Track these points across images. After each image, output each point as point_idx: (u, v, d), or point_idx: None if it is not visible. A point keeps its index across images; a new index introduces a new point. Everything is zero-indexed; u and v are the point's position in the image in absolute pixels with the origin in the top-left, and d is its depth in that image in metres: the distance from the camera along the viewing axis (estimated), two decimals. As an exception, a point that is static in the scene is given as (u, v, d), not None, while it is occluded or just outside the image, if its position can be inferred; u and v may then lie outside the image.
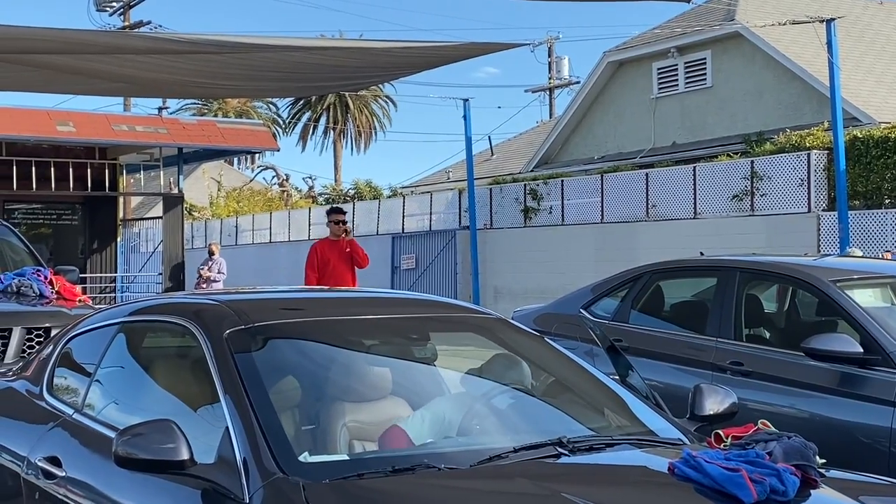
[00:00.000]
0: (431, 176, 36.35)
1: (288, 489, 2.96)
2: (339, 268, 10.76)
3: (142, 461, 3.11)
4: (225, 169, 46.20)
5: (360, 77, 7.30)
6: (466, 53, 7.17)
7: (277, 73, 7.53)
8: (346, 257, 10.92)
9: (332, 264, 10.76)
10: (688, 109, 25.29)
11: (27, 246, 9.06)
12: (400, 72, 7.35)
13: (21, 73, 7.19)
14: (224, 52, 6.54)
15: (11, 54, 6.34)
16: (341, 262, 10.84)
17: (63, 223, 19.92)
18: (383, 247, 26.63)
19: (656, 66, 25.97)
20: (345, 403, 3.68)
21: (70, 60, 6.58)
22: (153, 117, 18.86)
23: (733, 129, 23.75)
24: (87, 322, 4.53)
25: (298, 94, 16.47)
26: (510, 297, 22.11)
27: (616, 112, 27.27)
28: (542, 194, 23.42)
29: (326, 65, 6.99)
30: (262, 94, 10.17)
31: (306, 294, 5.03)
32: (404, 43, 6.83)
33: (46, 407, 4.22)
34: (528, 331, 4.48)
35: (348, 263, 10.93)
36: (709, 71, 24.74)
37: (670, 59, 25.50)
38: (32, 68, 6.91)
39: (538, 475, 3.14)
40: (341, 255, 10.89)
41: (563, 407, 3.98)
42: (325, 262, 10.78)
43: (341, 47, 6.48)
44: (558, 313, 7.52)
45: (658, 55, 25.82)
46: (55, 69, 6.88)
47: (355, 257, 10.97)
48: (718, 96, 24.54)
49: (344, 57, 6.75)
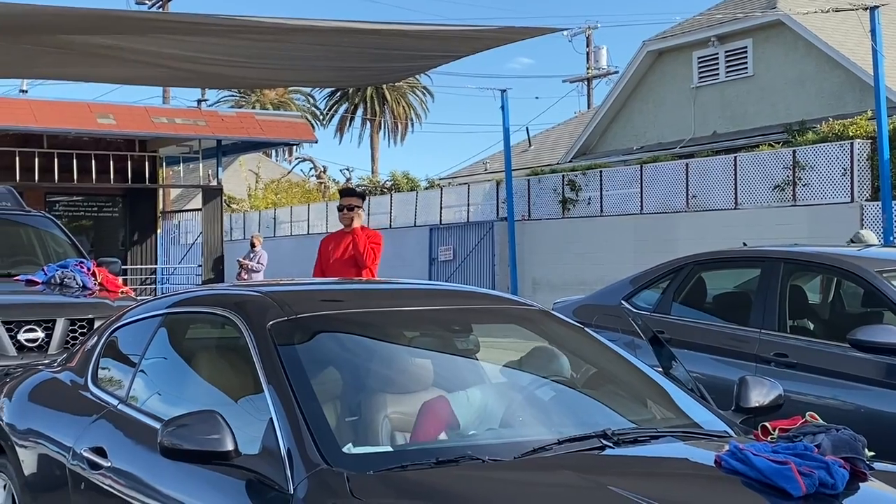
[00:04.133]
0: (469, 167, 36.31)
1: (332, 480, 2.96)
2: (338, 268, 8.37)
3: (187, 452, 3.12)
4: (263, 161, 46.38)
5: (399, 62, 7.26)
6: (504, 38, 7.11)
7: (316, 60, 7.52)
8: (349, 255, 8.43)
9: (332, 262, 8.45)
10: (728, 99, 25.07)
11: (70, 238, 9.14)
12: (437, 59, 7.30)
13: (62, 58, 7.24)
14: (262, 35, 6.53)
15: (49, 35, 6.38)
16: (342, 260, 8.40)
17: (104, 215, 20.12)
18: (421, 238, 26.64)
19: (696, 54, 25.75)
20: (386, 395, 3.68)
21: (110, 41, 6.61)
22: (192, 110, 18.99)
23: (774, 119, 23.51)
24: (131, 313, 4.56)
25: (336, 83, 16.45)
26: (548, 288, 22.04)
27: (655, 102, 27.09)
28: (580, 185, 23.32)
29: (364, 51, 6.97)
30: (303, 82, 10.10)
31: (347, 286, 5.03)
32: (442, 27, 6.80)
33: (91, 398, 4.25)
34: (570, 322, 4.46)
35: (351, 263, 8.39)
36: (750, 60, 24.50)
37: (711, 47, 25.27)
38: (74, 53, 6.96)
39: (583, 467, 3.12)
40: (345, 251, 8.43)
41: (606, 399, 3.95)
42: (326, 259, 8.52)
43: (379, 30, 6.44)
44: (599, 305, 7.48)
45: (698, 44, 25.60)
46: (96, 54, 6.92)
47: (357, 257, 8.36)
48: (759, 85, 24.30)
49: (381, 41, 6.71)
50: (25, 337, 6.95)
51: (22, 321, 7.00)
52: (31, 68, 8.45)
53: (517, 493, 2.99)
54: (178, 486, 3.36)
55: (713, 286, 7.23)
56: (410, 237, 27.24)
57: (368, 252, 8.32)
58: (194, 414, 3.20)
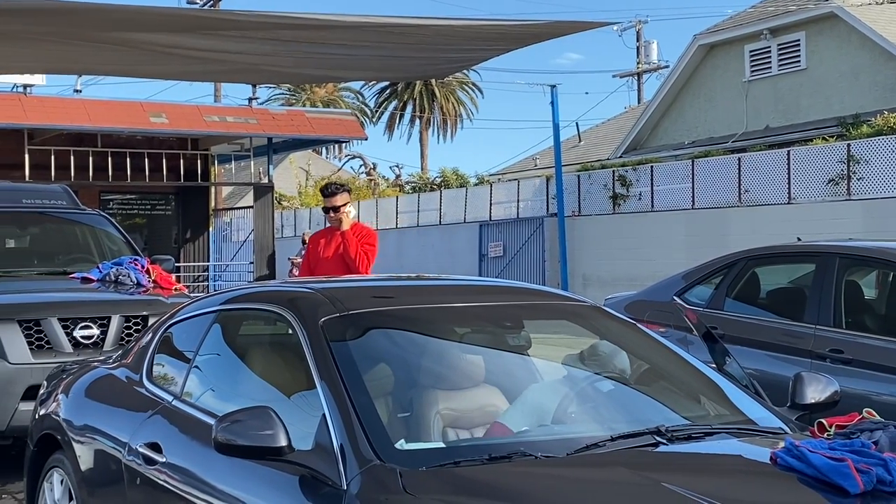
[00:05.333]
0: (518, 163, 36.24)
1: (385, 476, 2.97)
2: (329, 267, 7.61)
3: (241, 447, 3.14)
4: (313, 158, 46.66)
5: (449, 55, 7.24)
6: (554, 32, 7.08)
7: (365, 56, 7.54)
8: (338, 257, 7.65)
9: (321, 261, 7.72)
10: (781, 92, 24.79)
11: (124, 236, 9.24)
12: (487, 52, 7.27)
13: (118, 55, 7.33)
14: (312, 31, 6.55)
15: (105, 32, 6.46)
16: (333, 260, 7.65)
17: (157, 213, 20.32)
18: (471, 235, 26.64)
19: (748, 48, 25.49)
20: (438, 391, 3.68)
21: (164, 38, 6.68)
22: (243, 108, 19.11)
23: (828, 112, 23.21)
24: (185, 310, 4.60)
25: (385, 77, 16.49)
26: (599, 284, 21.95)
27: (707, 96, 26.86)
28: (631, 180, 23.18)
29: (415, 46, 6.97)
30: (352, 77, 10.10)
31: (398, 282, 5.04)
32: (491, 21, 6.79)
33: (146, 394, 4.30)
34: (622, 318, 4.43)
35: (342, 264, 7.61)
36: (803, 53, 24.20)
37: (763, 41, 25.00)
38: (129, 50, 7.04)
39: (636, 464, 3.10)
40: (336, 251, 7.68)
41: (659, 395, 3.92)
42: (315, 257, 7.77)
43: (428, 25, 6.44)
44: (651, 301, 7.44)
45: (750, 37, 25.34)
46: (150, 51, 7.00)
47: (346, 259, 7.61)
48: (813, 78, 24.00)
49: (432, 36, 6.71)
50: (81, 334, 7.04)
51: (78, 318, 7.09)
52: (87, 65, 8.57)
53: (570, 489, 2.97)
54: (233, 482, 3.38)
55: (767, 282, 7.15)
56: (460, 234, 27.24)
57: (361, 258, 7.56)
58: (248, 410, 3.22)
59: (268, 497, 3.24)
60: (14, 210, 9.04)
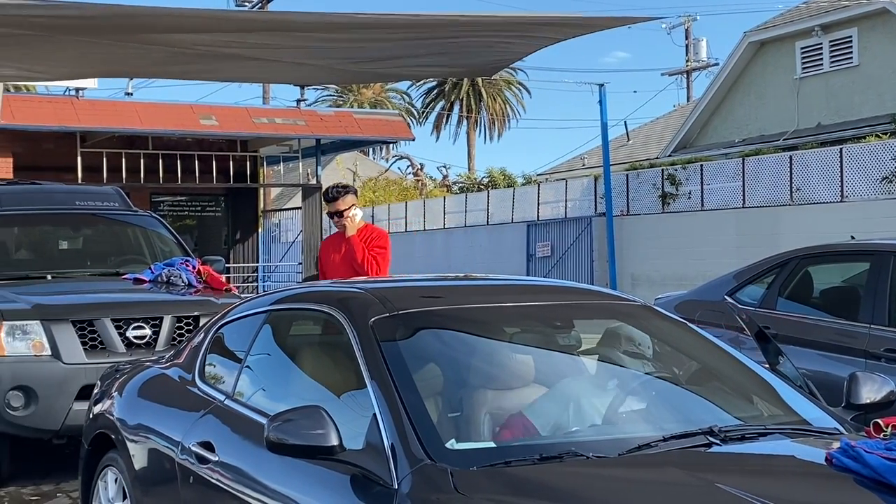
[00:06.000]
0: (566, 163, 36.13)
1: (436, 476, 2.97)
2: (338, 276, 7.15)
3: (292, 446, 3.16)
4: (360, 159, 46.84)
5: (495, 48, 7.21)
6: (602, 24, 7.03)
7: (413, 55, 7.55)
8: (348, 264, 7.25)
9: (331, 269, 7.35)
10: (833, 89, 24.48)
11: (175, 237, 9.34)
12: (533, 44, 7.23)
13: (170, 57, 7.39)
14: (355, 31, 6.57)
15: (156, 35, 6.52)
16: (342, 269, 7.23)
17: (207, 214, 20.52)
18: (518, 235, 26.59)
19: (799, 45, 25.21)
20: (488, 391, 3.67)
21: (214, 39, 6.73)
22: (292, 109, 19.23)
23: (881, 109, 22.88)
24: (236, 311, 4.63)
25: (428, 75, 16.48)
26: (648, 284, 21.81)
27: (757, 94, 26.60)
28: (680, 179, 23.01)
29: (461, 40, 6.95)
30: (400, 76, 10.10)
31: (447, 282, 5.04)
32: (537, 14, 6.76)
33: (199, 393, 4.33)
34: (673, 317, 4.39)
35: (351, 273, 7.15)
36: (855, 49, 23.89)
37: (814, 37, 24.71)
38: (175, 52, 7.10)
39: (689, 465, 3.07)
40: (343, 259, 7.28)
41: (711, 395, 3.88)
42: (326, 264, 7.44)
43: (475, 19, 6.42)
44: (702, 300, 7.38)
45: (801, 34, 25.06)
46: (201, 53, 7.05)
47: (355, 265, 7.18)
48: (865, 75, 23.67)
49: (477, 29, 6.69)
50: (134, 334, 7.12)
51: (130, 318, 7.17)
52: (138, 68, 8.65)
53: (623, 490, 2.95)
54: (284, 481, 3.40)
55: (820, 281, 7.07)
56: (507, 234, 27.21)
57: (370, 263, 7.10)
58: (299, 409, 3.24)
59: (319, 496, 3.25)
60: (68, 212, 9.16)
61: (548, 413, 3.56)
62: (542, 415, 3.54)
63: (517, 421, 3.48)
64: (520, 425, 3.46)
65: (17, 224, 8.96)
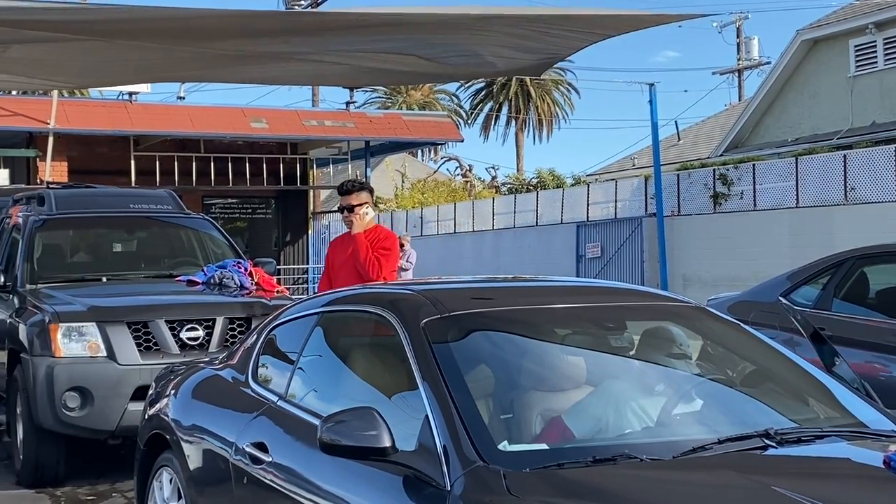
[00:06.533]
0: (616, 163, 35.96)
1: (489, 478, 2.96)
2: (344, 277, 6.80)
3: (345, 447, 3.17)
4: (409, 161, 46.95)
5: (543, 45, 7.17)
6: (653, 20, 6.98)
7: (459, 54, 7.54)
8: (351, 264, 6.89)
9: (336, 269, 7.02)
10: (888, 87, 24.12)
11: (228, 239, 9.40)
12: (583, 40, 7.18)
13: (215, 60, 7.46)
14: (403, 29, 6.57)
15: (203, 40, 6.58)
16: (345, 269, 6.88)
17: (258, 217, 20.67)
18: (567, 236, 26.50)
19: (853, 43, 24.88)
20: (539, 393, 3.66)
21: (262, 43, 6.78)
22: (341, 112, 19.33)
23: (937, 107, 22.54)
24: (288, 312, 4.66)
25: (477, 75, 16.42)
26: (699, 285, 21.64)
27: (811, 92, 26.29)
28: (732, 179, 22.80)
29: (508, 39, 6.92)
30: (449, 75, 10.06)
31: (497, 283, 5.03)
32: (585, 10, 6.72)
33: (252, 394, 4.36)
34: (727, 319, 4.35)
35: (354, 273, 6.82)
36: (910, 46, 23.55)
37: (868, 35, 24.38)
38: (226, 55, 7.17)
39: (745, 467, 3.04)
40: (347, 259, 6.92)
41: (766, 397, 3.84)
42: (331, 265, 7.11)
43: (517, 16, 6.39)
44: (755, 301, 7.30)
45: (855, 32, 24.73)
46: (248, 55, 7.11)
47: (357, 265, 6.82)
48: (920, 72, 23.33)
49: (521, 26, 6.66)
50: (187, 335, 7.18)
51: (184, 320, 7.24)
52: (190, 71, 8.73)
53: (678, 493, 2.93)
54: (337, 482, 3.41)
55: (876, 281, 6.97)
56: (557, 235, 27.13)
57: (372, 263, 6.73)
58: (352, 410, 3.25)
59: (372, 497, 3.26)
60: (122, 215, 9.28)
61: (599, 415, 3.54)
62: (593, 417, 3.52)
63: (556, 425, 3.46)
64: (558, 430, 3.44)
65: (72, 227, 9.08)
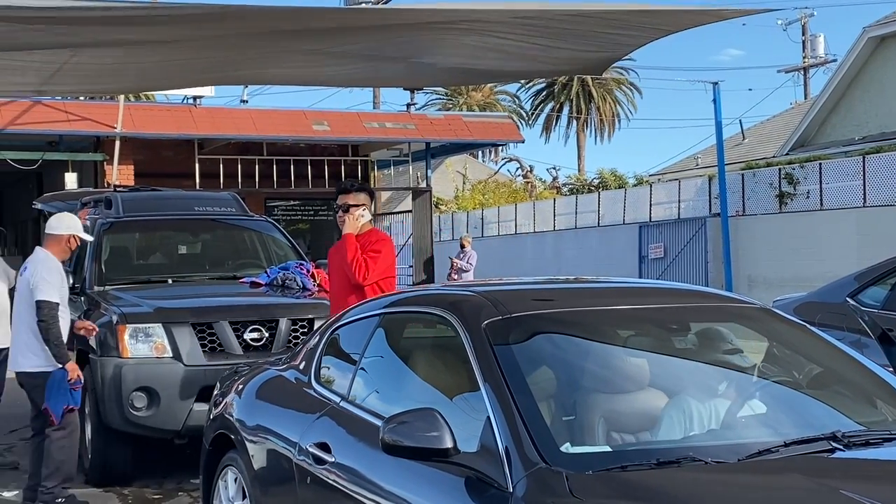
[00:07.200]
0: (679, 163, 35.64)
1: (551, 479, 2.95)
2: (334, 281, 6.64)
3: (407, 448, 3.18)
4: (469, 162, 46.93)
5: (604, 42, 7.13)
6: (716, 15, 6.93)
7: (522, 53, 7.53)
8: (343, 269, 6.52)
9: (332, 274, 6.74)
10: (957, 84, 23.65)
11: (290, 241, 9.48)
12: (644, 37, 7.13)
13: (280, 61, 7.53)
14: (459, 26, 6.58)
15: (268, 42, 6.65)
16: (341, 276, 6.54)
17: (319, 218, 20.80)
18: (630, 236, 26.32)
19: (921, 39, 24.42)
20: (602, 395, 3.64)
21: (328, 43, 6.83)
22: (402, 114, 19.39)
23: None
24: (349, 314, 4.68)
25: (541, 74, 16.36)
26: (765, 285, 21.36)
27: (878, 90, 25.83)
28: (798, 178, 22.48)
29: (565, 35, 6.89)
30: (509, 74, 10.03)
31: (559, 285, 5.01)
32: (647, 6, 6.67)
33: (315, 395, 4.39)
34: (793, 320, 4.29)
35: (345, 279, 6.47)
36: (980, 41, 23.04)
37: (937, 30, 23.91)
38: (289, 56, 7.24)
39: (812, 471, 3.00)
40: (341, 264, 6.54)
41: (833, 400, 3.78)
42: (330, 270, 6.80)
43: (579, 12, 6.36)
44: (822, 302, 7.20)
45: (923, 27, 24.27)
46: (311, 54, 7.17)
47: (343, 265, 6.46)
48: None
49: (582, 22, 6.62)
50: (250, 336, 7.25)
51: (248, 321, 7.31)
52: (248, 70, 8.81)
53: (743, 496, 2.89)
54: (400, 482, 3.42)
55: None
56: (619, 235, 26.95)
57: (359, 264, 6.34)
58: (414, 412, 3.26)
59: (434, 498, 3.26)
60: (187, 217, 9.39)
61: (663, 417, 3.51)
62: (657, 419, 3.49)
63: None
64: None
65: (138, 230, 9.22)
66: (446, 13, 6.32)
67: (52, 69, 7.62)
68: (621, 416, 3.52)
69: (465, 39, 7.02)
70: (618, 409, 3.55)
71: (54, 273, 6.64)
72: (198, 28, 6.45)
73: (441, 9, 6.30)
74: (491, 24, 6.64)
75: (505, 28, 6.74)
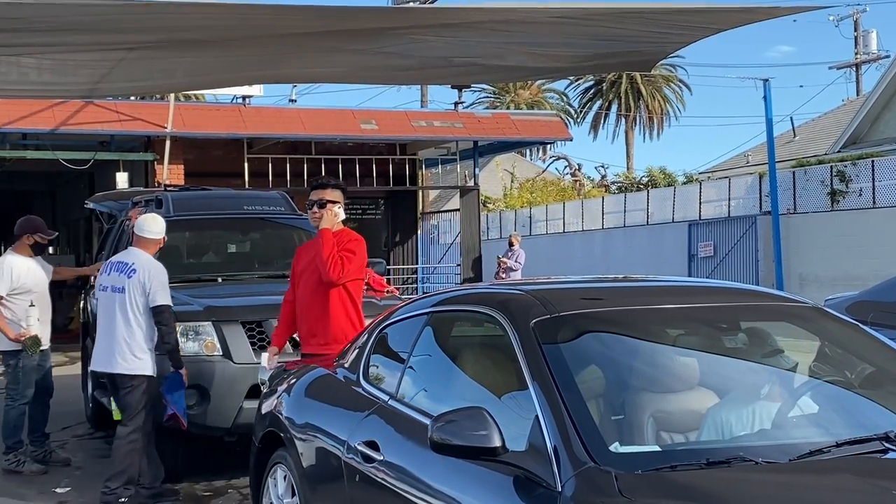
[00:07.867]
0: (729, 161, 35.32)
1: (600, 479, 2.94)
2: (302, 283, 6.38)
3: (456, 447, 3.18)
4: (517, 160, 46.84)
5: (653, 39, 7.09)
6: (767, 13, 6.86)
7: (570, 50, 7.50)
8: (313, 268, 6.27)
9: (296, 278, 6.47)
10: None
11: (339, 240, 9.49)
12: (693, 34, 7.08)
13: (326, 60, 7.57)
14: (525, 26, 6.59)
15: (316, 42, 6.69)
16: (306, 274, 6.34)
17: (367, 217, 20.87)
18: (679, 234, 26.13)
19: (977, 32, 24.00)
20: (651, 394, 3.62)
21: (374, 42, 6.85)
22: (450, 112, 19.38)
23: None
24: (398, 312, 4.70)
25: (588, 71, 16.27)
26: (817, 284, 21.12)
27: (931, 85, 25.44)
28: (850, 176, 22.19)
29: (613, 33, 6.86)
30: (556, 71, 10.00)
31: (607, 283, 4.99)
32: (697, 4, 6.62)
33: (363, 393, 4.41)
34: (845, 319, 4.23)
35: (316, 279, 6.24)
36: None
37: None
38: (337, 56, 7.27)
39: (864, 471, 2.97)
40: (313, 260, 6.28)
41: (886, 400, 3.73)
42: (297, 274, 6.47)
43: (627, 10, 6.33)
44: (875, 301, 7.10)
45: (978, 21, 23.84)
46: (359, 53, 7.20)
47: (318, 262, 6.18)
48: None
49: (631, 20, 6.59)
50: (299, 335, 7.28)
51: (296, 319, 7.33)
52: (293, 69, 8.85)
53: (794, 497, 2.87)
54: (448, 481, 3.42)
55: None
56: (668, 233, 26.77)
57: (334, 261, 6.09)
58: (462, 410, 3.26)
59: (482, 497, 3.26)
60: (237, 216, 9.46)
61: (713, 417, 3.48)
62: (707, 419, 3.47)
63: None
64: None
65: (189, 229, 9.29)
66: (492, 12, 6.32)
67: (104, 70, 7.71)
68: (670, 415, 3.51)
69: (512, 38, 7.02)
70: (667, 408, 3.53)
71: (165, 277, 6.79)
72: (248, 27, 6.51)
73: (487, 8, 6.31)
74: (537, 24, 6.64)
75: (551, 28, 6.73)
